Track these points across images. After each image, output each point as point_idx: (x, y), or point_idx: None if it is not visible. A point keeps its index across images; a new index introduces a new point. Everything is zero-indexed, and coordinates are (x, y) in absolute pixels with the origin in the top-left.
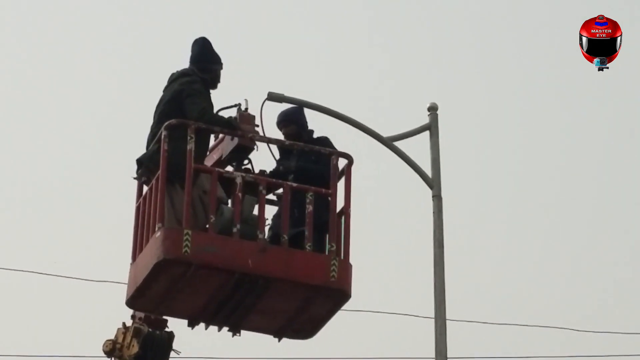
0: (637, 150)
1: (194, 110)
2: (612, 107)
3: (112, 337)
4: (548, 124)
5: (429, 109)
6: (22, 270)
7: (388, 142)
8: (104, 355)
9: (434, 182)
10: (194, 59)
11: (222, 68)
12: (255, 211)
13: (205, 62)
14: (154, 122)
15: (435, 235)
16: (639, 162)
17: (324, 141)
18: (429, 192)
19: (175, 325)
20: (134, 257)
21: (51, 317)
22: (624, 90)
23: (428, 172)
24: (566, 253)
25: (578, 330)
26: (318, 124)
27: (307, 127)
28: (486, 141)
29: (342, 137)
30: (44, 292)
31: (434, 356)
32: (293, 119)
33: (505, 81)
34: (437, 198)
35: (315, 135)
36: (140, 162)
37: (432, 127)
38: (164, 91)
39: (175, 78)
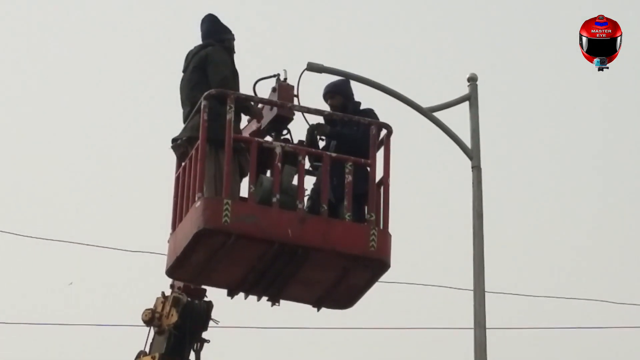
0: (637, 150)
1: (215, 78)
2: (612, 107)
3: (152, 306)
4: (547, 124)
5: (469, 80)
6: (62, 241)
7: (427, 113)
8: (144, 324)
9: (473, 153)
10: (205, 35)
11: (234, 39)
12: (295, 181)
13: (217, 33)
14: (184, 97)
15: (475, 207)
16: (638, 161)
17: (369, 113)
18: (468, 163)
19: (214, 294)
20: (174, 227)
21: (91, 286)
22: (624, 90)
23: (467, 142)
24: (605, 225)
25: (616, 303)
26: (358, 95)
27: (353, 98)
28: (526, 112)
29: (381, 108)
30: (84, 262)
31: (472, 327)
32: (339, 90)
33: (537, 58)
34: (477, 169)
35: (361, 107)
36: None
37: (471, 98)
38: (183, 71)
39: (197, 51)
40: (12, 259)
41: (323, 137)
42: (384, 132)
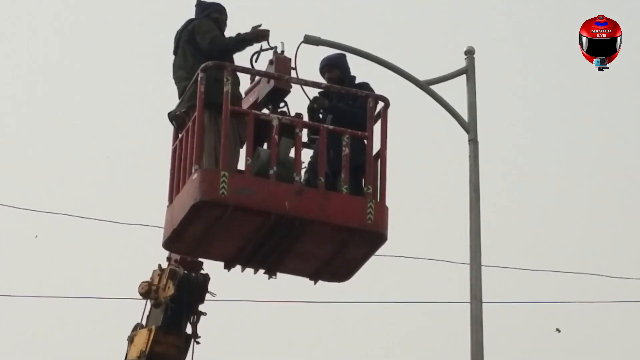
0: (637, 150)
1: (204, 42)
2: (612, 107)
3: (148, 279)
4: (546, 124)
5: (466, 53)
6: (59, 214)
7: (425, 86)
8: (140, 297)
9: (470, 126)
10: (196, 16)
11: (221, 11)
12: (292, 154)
13: (202, 12)
14: (182, 73)
15: (471, 180)
16: (638, 162)
17: (365, 87)
18: (465, 136)
19: (211, 267)
20: (171, 200)
21: (88, 259)
22: (624, 90)
23: (464, 116)
24: (601, 199)
25: (611, 277)
26: (355, 68)
27: (350, 72)
28: (523, 85)
29: (378, 81)
30: (81, 235)
31: (469, 301)
32: (337, 64)
33: (540, 29)
34: (474, 142)
35: (356, 82)
36: (171, 113)
37: (469, 71)
38: (174, 53)
39: (183, 28)
40: (8, 231)
41: (321, 110)
42: (381, 105)
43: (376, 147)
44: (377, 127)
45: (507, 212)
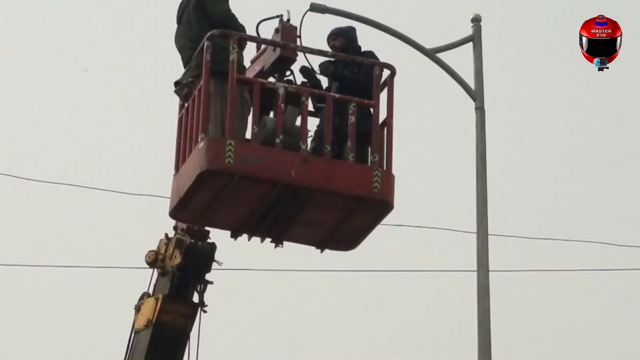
0: (637, 150)
1: (219, 11)
2: (612, 107)
3: (155, 248)
4: (546, 124)
5: (473, 20)
6: (65, 184)
7: (431, 54)
8: (147, 266)
9: (476, 94)
10: None
11: None
12: (298, 122)
13: None
14: (184, 41)
15: (478, 148)
16: (638, 162)
17: (370, 55)
18: (471, 104)
19: (218, 236)
20: (177, 169)
21: (95, 229)
22: (624, 90)
23: (471, 84)
24: (608, 167)
25: (618, 245)
26: (361, 36)
27: (356, 42)
28: (530, 52)
29: (385, 49)
30: (88, 205)
31: (475, 270)
32: (342, 33)
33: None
34: (480, 110)
35: (362, 51)
36: (178, 82)
37: (475, 39)
38: (178, 22)
39: None
40: (15, 201)
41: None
42: (387, 73)
43: (382, 115)
44: (383, 96)
45: (513, 180)
